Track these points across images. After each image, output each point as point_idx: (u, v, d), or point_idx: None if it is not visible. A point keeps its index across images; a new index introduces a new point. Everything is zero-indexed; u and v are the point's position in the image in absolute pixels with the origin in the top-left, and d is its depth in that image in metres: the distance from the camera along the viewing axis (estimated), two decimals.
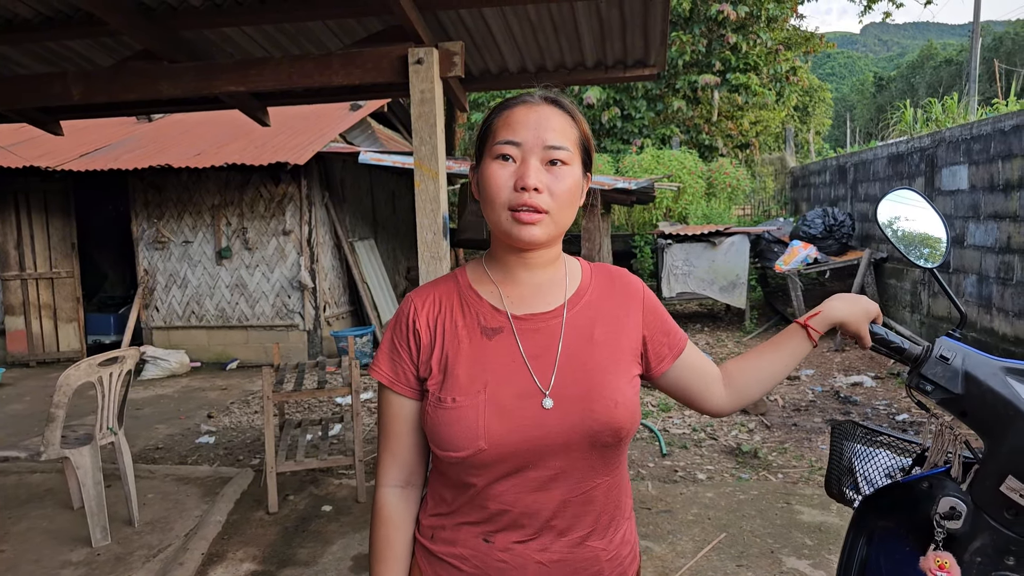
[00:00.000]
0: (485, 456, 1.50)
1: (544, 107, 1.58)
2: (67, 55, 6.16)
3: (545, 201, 1.52)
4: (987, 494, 1.58)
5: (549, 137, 1.54)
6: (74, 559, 4.86)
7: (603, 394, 1.56)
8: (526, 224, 1.52)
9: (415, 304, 1.66)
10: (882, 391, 8.39)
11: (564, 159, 1.55)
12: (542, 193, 1.52)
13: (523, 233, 1.53)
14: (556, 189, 1.54)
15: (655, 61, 6.46)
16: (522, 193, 1.51)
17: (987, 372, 1.63)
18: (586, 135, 1.63)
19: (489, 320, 1.60)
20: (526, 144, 1.53)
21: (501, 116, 1.58)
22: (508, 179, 1.53)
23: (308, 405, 8.67)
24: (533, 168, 1.52)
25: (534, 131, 1.54)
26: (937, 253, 1.91)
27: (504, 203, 1.53)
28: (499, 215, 1.54)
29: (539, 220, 1.52)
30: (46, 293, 11.90)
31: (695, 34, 21.37)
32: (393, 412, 1.65)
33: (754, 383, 1.82)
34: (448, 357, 1.58)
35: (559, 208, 1.55)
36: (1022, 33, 49.92)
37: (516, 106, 1.58)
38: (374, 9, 5.07)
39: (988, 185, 8.15)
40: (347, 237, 11.86)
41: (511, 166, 1.53)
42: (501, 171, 1.54)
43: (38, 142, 12.02)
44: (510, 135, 1.54)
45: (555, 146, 1.54)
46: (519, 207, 1.51)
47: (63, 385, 4.77)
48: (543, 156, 1.53)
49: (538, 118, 1.55)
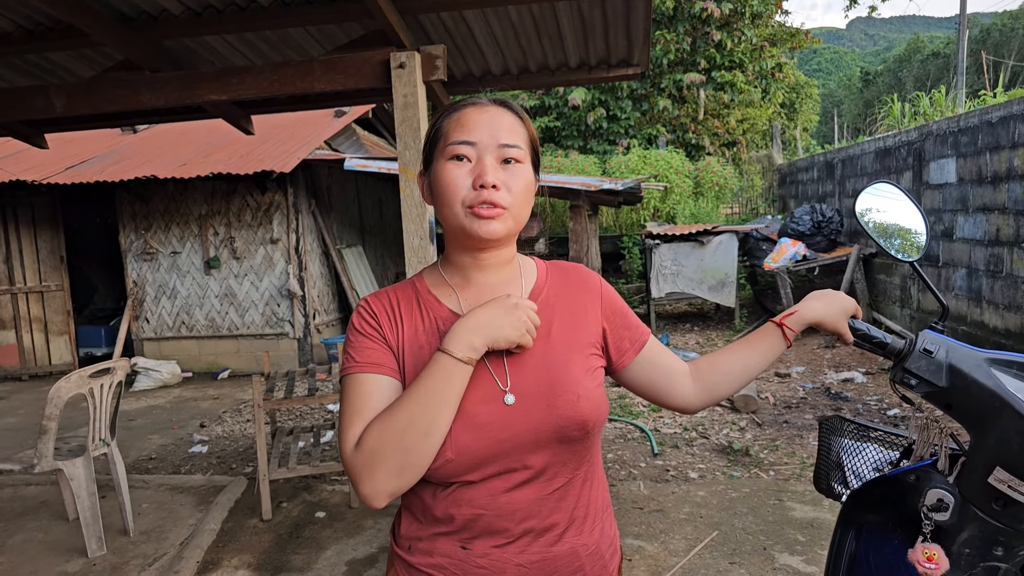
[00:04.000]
0: (453, 466, 1.49)
1: (494, 108, 1.59)
2: (49, 67, 6.15)
3: (504, 198, 1.53)
4: (974, 486, 1.58)
5: (503, 136, 1.55)
6: (70, 570, 4.84)
7: (565, 388, 1.55)
8: (485, 219, 1.52)
9: (372, 304, 1.64)
10: (873, 387, 8.41)
11: (518, 157, 1.57)
12: (500, 190, 1.53)
13: (482, 228, 1.53)
14: (513, 186, 1.55)
15: (639, 60, 6.47)
16: (481, 191, 1.51)
17: (971, 364, 1.63)
18: (533, 136, 1.65)
19: (448, 325, 1.58)
20: (481, 143, 1.54)
21: (451, 118, 1.59)
22: (464, 178, 1.53)
23: (299, 412, 8.66)
24: (491, 166, 1.53)
25: (488, 130, 1.55)
26: (917, 246, 1.92)
27: (462, 202, 1.53)
28: (456, 213, 1.54)
29: (499, 215, 1.53)
30: (36, 307, 11.87)
31: (679, 32, 21.41)
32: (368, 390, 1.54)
33: (724, 380, 1.81)
34: (410, 365, 1.57)
35: (517, 205, 1.56)
36: (1009, 24, 50.11)
37: (466, 108, 1.59)
38: (355, 15, 5.07)
39: (976, 178, 8.17)
40: (335, 244, 11.85)
41: (466, 165, 1.54)
42: (457, 170, 1.54)
43: (24, 156, 12.00)
44: (464, 135, 1.55)
45: (509, 144, 1.55)
46: (479, 203, 1.52)
47: (54, 397, 4.76)
48: (498, 155, 1.54)
49: (491, 118, 1.56)
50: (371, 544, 5.06)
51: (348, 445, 1.48)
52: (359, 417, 1.50)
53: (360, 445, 1.46)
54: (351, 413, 1.52)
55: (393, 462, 1.44)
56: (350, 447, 1.48)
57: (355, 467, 1.46)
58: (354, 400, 1.54)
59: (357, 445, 1.47)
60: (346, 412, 1.53)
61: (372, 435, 1.45)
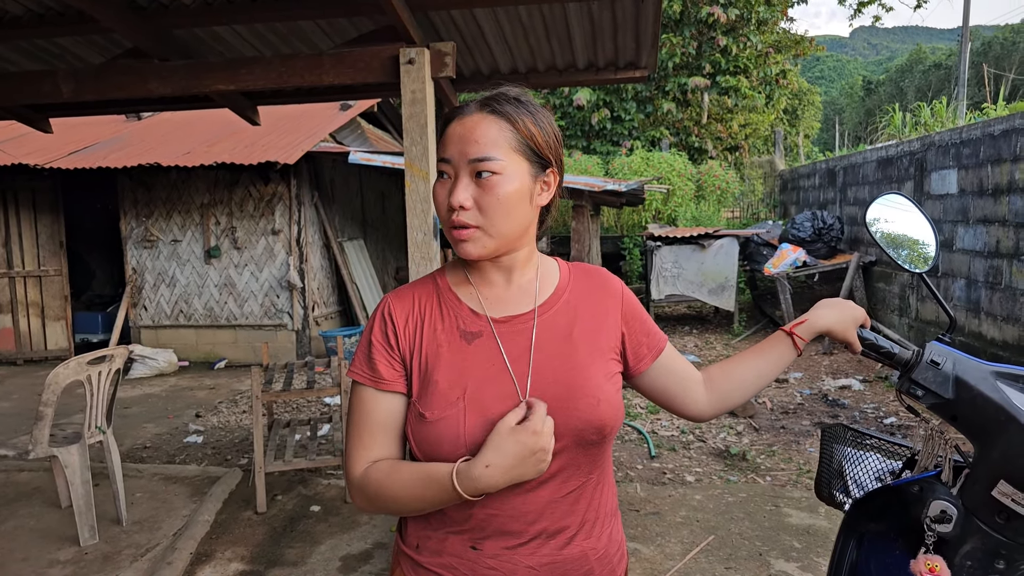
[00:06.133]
0: None
1: (474, 117, 1.54)
2: (57, 53, 6.14)
3: (472, 217, 1.52)
4: (978, 498, 1.59)
5: (471, 150, 1.51)
6: (62, 558, 4.84)
7: (585, 392, 1.56)
8: (461, 241, 1.54)
9: (392, 306, 1.64)
10: (870, 395, 8.42)
11: (492, 168, 1.51)
12: (468, 210, 1.51)
13: (460, 249, 1.55)
14: (484, 203, 1.51)
15: (646, 63, 6.46)
16: (451, 212, 1.52)
17: (978, 377, 1.63)
18: (529, 134, 1.56)
19: (469, 324, 1.60)
20: (454, 160, 1.53)
21: (443, 132, 1.58)
22: (445, 197, 1.54)
23: (296, 405, 8.65)
24: (461, 186, 1.52)
25: (458, 146, 1.53)
26: (926, 258, 1.92)
27: (446, 222, 1.55)
28: (447, 231, 1.56)
29: (470, 236, 1.53)
30: (34, 291, 11.86)
31: (685, 36, 21.40)
32: (376, 409, 1.59)
33: (737, 388, 1.82)
34: (428, 363, 1.57)
35: (491, 221, 1.53)
36: (1011, 38, 50.18)
37: (452, 121, 1.57)
38: (365, 9, 5.07)
39: (977, 189, 8.18)
40: (336, 237, 11.85)
41: (448, 183, 1.55)
42: (441, 190, 1.55)
43: (27, 139, 11.98)
44: (443, 152, 1.55)
45: (479, 158, 1.51)
46: (450, 227, 1.54)
47: (52, 383, 4.75)
48: (470, 170, 1.52)
49: (463, 131, 1.53)
50: (366, 540, 5.06)
51: (352, 465, 1.59)
52: (361, 439, 1.60)
53: (363, 483, 1.56)
54: (355, 429, 1.62)
55: (387, 509, 1.57)
56: (354, 472, 1.58)
57: (353, 491, 1.60)
58: (359, 415, 1.62)
59: (360, 480, 1.57)
60: (351, 423, 1.63)
61: (372, 486, 1.55)
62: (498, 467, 1.41)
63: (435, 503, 1.49)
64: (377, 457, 1.58)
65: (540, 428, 1.43)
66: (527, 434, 1.42)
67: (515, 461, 1.42)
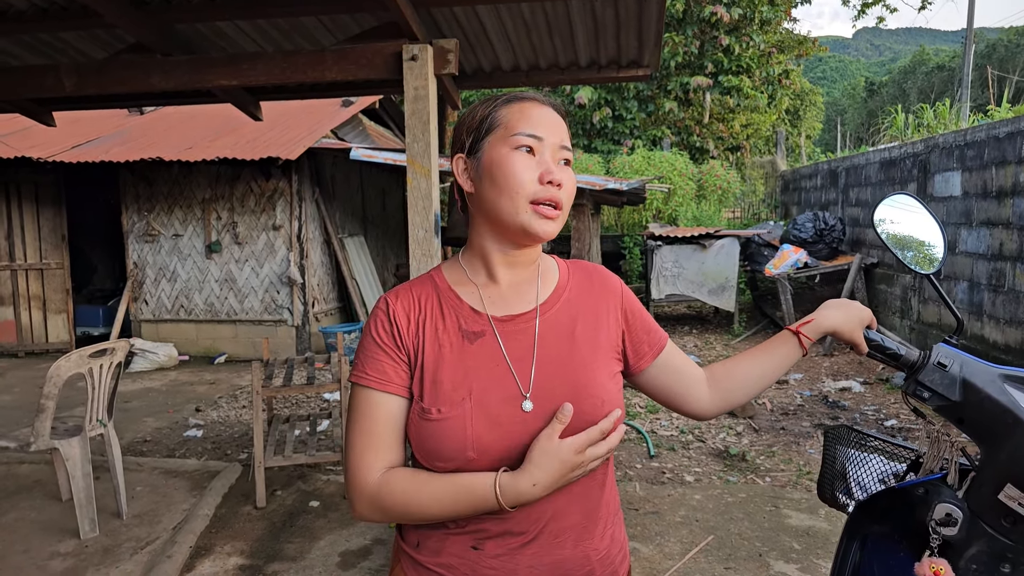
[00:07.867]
0: (474, 465, 1.48)
1: (550, 107, 1.60)
2: (60, 47, 6.14)
3: (563, 198, 1.54)
4: (984, 501, 1.58)
5: (564, 137, 1.57)
6: (63, 550, 4.84)
7: (590, 392, 1.55)
8: (546, 219, 1.52)
9: (392, 305, 1.61)
10: (870, 396, 8.41)
11: (570, 160, 1.58)
12: (563, 189, 1.54)
13: (541, 228, 1.52)
14: (568, 188, 1.56)
15: (649, 62, 6.46)
16: (548, 187, 1.51)
17: (986, 379, 1.62)
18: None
19: (470, 323, 1.58)
20: (547, 140, 1.54)
21: (513, 108, 1.57)
22: (533, 171, 1.52)
23: (296, 401, 8.66)
24: (557, 165, 1.54)
25: (552, 129, 1.55)
26: (933, 260, 1.90)
27: (527, 195, 1.51)
28: (518, 206, 1.51)
29: (556, 216, 1.54)
30: (35, 284, 11.87)
31: (688, 35, 21.37)
32: (384, 413, 1.56)
33: (740, 387, 1.80)
34: (431, 363, 1.55)
35: (567, 207, 1.57)
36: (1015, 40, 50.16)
37: (527, 102, 1.58)
38: (368, 5, 5.07)
39: (981, 192, 8.17)
40: (337, 233, 11.84)
41: (531, 158, 1.53)
42: (525, 160, 1.53)
43: (30, 133, 11.97)
44: (531, 128, 1.54)
45: (568, 146, 1.57)
46: (544, 201, 1.52)
47: (54, 376, 4.75)
48: (558, 156, 1.55)
49: (552, 117, 1.57)
50: (365, 536, 5.06)
51: (362, 473, 1.53)
52: (370, 444, 1.54)
53: (379, 492, 1.51)
54: (362, 434, 1.56)
55: (403, 519, 1.56)
56: (365, 479, 1.53)
57: (362, 500, 1.54)
58: (360, 416, 1.57)
59: (376, 488, 1.52)
60: (356, 428, 1.57)
61: (395, 496, 1.51)
62: (543, 485, 1.45)
63: (467, 514, 1.49)
64: (389, 463, 1.54)
65: (583, 447, 1.46)
66: (570, 453, 1.45)
67: (558, 477, 1.46)
